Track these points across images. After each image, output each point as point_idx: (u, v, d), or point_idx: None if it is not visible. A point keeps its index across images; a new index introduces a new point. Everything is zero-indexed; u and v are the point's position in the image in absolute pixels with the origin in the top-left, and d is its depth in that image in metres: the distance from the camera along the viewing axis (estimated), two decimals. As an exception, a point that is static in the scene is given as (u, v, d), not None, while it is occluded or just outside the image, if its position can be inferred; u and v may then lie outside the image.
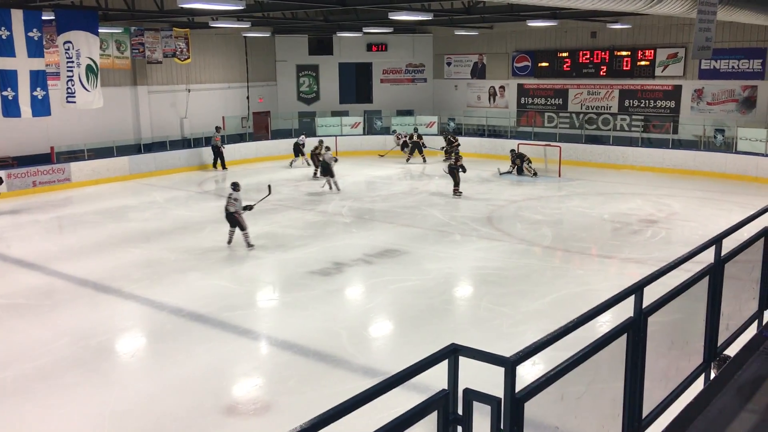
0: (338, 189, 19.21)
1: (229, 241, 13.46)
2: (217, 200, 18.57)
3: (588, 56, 25.42)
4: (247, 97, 27.93)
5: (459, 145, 24.27)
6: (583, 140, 24.75)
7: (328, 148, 20.32)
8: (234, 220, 13.34)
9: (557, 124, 26.32)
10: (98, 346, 9.05)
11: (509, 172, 21.61)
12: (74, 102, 15.10)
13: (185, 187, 20.62)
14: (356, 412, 2.26)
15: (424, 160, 24.42)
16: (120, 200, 18.70)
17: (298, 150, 23.97)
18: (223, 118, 26.22)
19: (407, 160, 24.64)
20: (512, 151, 21.95)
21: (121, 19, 19.96)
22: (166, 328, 9.65)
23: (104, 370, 8.37)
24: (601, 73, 25.20)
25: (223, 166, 23.54)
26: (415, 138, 24.82)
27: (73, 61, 14.72)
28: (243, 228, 13.35)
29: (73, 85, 14.87)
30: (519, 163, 21.51)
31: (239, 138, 26.28)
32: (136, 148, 23.45)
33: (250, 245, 13.26)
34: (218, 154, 23.47)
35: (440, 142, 25.47)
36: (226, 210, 13.28)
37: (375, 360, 8.63)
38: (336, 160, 19.52)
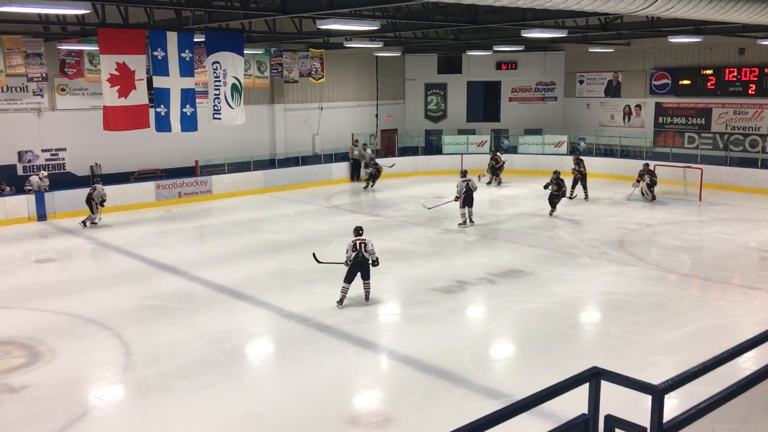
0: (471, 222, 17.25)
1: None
2: (344, 214, 19.08)
3: (735, 74, 23.82)
4: (376, 115, 28.56)
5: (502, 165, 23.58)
6: (727, 162, 23.18)
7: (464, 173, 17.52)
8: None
9: (698, 144, 24.82)
10: (232, 349, 9.51)
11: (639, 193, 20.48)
12: (220, 119, 16.07)
13: (314, 201, 21.34)
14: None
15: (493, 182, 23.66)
16: (255, 212, 19.65)
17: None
18: (352, 135, 26.95)
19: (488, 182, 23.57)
20: (646, 164, 20.78)
21: (263, 40, 21.09)
22: (293, 336, 9.99)
23: (237, 372, 8.78)
24: (750, 91, 23.52)
25: (357, 178, 24.94)
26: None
27: (220, 80, 15.70)
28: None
29: (219, 103, 15.85)
30: (646, 180, 20.27)
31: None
32: (270, 163, 24.60)
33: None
34: (358, 167, 25.05)
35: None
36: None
37: (497, 381, 8.47)
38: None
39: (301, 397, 8.01)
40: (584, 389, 2.45)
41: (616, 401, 2.64)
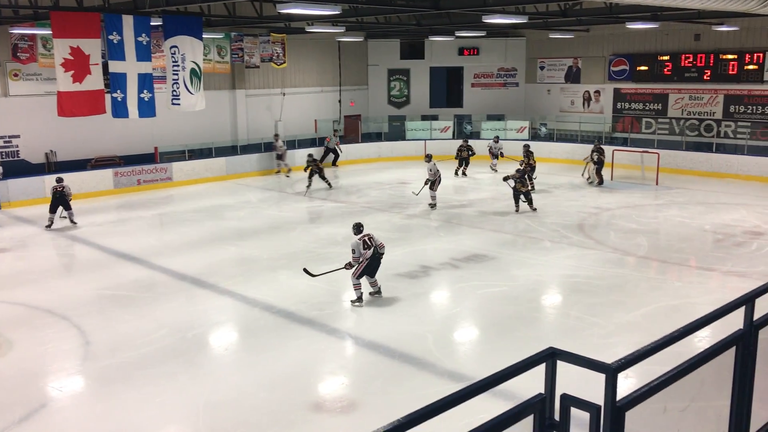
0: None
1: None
2: (308, 201, 18.98)
3: (691, 60, 24.31)
4: (339, 101, 28.42)
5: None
6: (683, 147, 23.70)
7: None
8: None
9: (655, 130, 25.32)
10: (194, 338, 9.43)
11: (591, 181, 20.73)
12: (179, 104, 15.81)
13: (278, 187, 21.19)
14: (441, 417, 2.24)
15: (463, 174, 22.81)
16: (217, 199, 19.44)
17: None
18: (315, 121, 26.80)
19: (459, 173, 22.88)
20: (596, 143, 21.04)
21: (223, 25, 20.76)
22: (257, 324, 9.94)
23: (200, 361, 8.71)
24: (705, 77, 24.04)
25: (334, 163, 25.09)
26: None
27: (178, 65, 15.42)
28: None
29: (178, 88, 15.58)
30: (593, 158, 20.44)
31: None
32: (233, 150, 24.33)
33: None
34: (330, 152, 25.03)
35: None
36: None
37: (461, 365, 8.57)
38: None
39: (266, 384, 7.99)
40: (543, 370, 2.50)
41: (577, 381, 2.68)
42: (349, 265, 10.60)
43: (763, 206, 17.38)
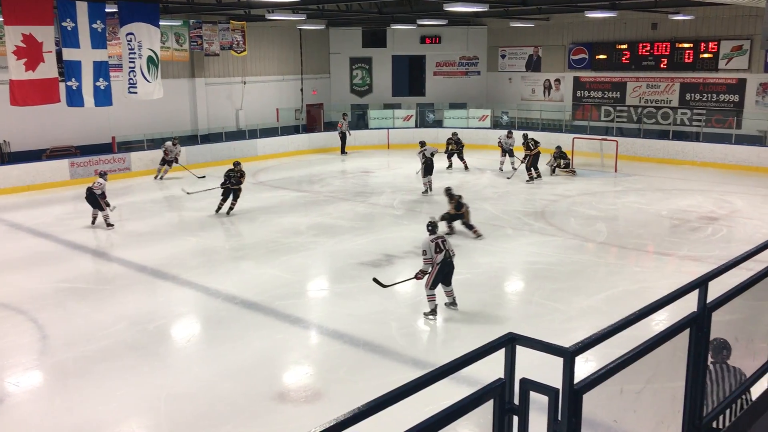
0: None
1: None
2: (271, 191, 18.82)
3: (648, 48, 24.73)
4: (301, 90, 28.20)
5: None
6: (641, 135, 24.14)
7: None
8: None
9: (614, 118, 25.73)
10: (155, 330, 9.30)
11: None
12: (135, 93, 15.48)
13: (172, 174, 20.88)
14: (406, 403, 2.25)
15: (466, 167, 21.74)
16: (177, 190, 19.14)
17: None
18: (277, 110, 26.55)
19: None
20: (558, 147, 20.72)
21: (181, 11, 20.40)
22: (220, 315, 9.85)
23: (161, 354, 8.60)
24: (662, 65, 24.49)
25: (343, 152, 24.94)
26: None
27: (135, 53, 15.09)
28: None
29: (134, 76, 15.25)
30: (558, 163, 20.44)
31: (293, 130, 26.59)
32: (193, 139, 23.96)
33: None
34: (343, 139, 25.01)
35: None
36: None
37: (425, 352, 8.63)
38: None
39: (229, 375, 7.93)
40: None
41: (538, 365, 2.71)
42: (421, 274, 9.55)
43: (718, 192, 17.83)
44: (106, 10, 14.86)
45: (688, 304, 3.20)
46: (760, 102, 22.66)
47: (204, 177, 19.69)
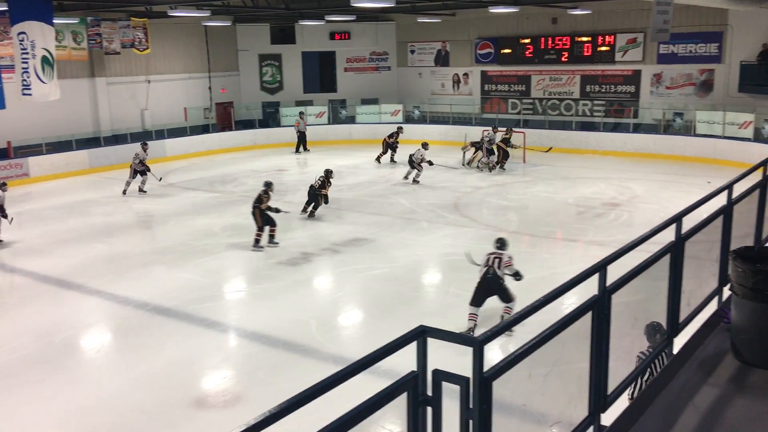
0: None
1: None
2: (182, 192, 18.31)
3: (549, 42, 25.61)
4: (209, 88, 27.54)
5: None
6: (546, 126, 24.99)
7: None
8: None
9: (521, 110, 26.53)
10: (62, 342, 8.89)
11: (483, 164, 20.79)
12: (30, 94, 14.66)
13: (148, 180, 20.25)
14: (326, 401, 2.26)
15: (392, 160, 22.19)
16: (81, 195, 18.34)
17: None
18: (185, 109, 25.84)
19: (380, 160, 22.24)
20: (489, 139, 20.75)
21: (77, 9, 19.49)
22: (131, 323, 9.52)
23: (69, 366, 8.23)
24: (563, 59, 25.43)
25: (305, 149, 24.66)
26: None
27: (28, 53, 14.29)
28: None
29: (28, 78, 14.45)
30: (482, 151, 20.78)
31: (202, 129, 25.96)
32: (95, 142, 22.98)
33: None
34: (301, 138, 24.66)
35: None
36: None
37: (345, 348, 8.64)
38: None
39: (143, 385, 7.69)
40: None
41: (455, 355, 2.75)
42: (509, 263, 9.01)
43: (619, 179, 18.71)
44: (-5, 8, 14.04)
45: (594, 284, 3.35)
46: (654, 92, 23.91)
47: (161, 179, 18.63)
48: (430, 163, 18.53)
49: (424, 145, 19.00)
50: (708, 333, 4.52)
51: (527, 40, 26.02)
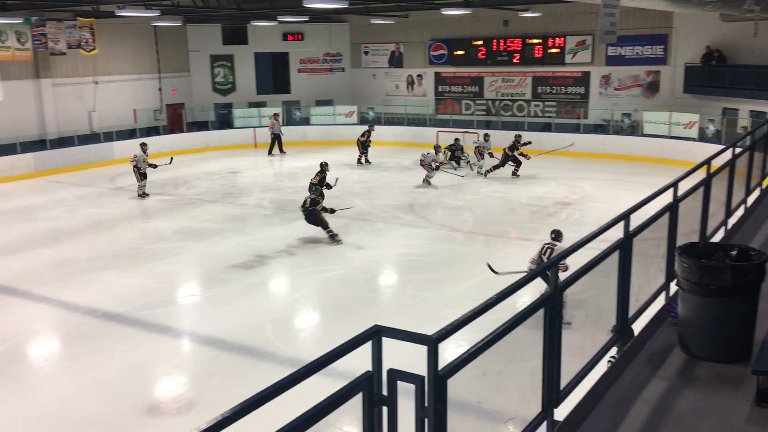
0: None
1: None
2: (131, 196, 17.91)
3: (501, 44, 25.94)
4: (160, 89, 27.02)
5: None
6: (499, 126, 25.27)
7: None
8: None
9: (474, 111, 26.79)
10: (7, 351, 8.60)
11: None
12: (-30, 96, 14.19)
13: (96, 183, 19.79)
14: (282, 403, 2.23)
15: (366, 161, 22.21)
16: (26, 199, 17.78)
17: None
18: (134, 111, 25.31)
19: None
20: (457, 140, 21.17)
21: (21, 8, 18.91)
22: (80, 330, 9.27)
23: (16, 375, 7.96)
24: (515, 60, 25.79)
25: (281, 151, 24.33)
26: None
27: (-33, 52, 13.82)
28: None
29: (-32, 78, 13.97)
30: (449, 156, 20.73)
31: (153, 131, 25.45)
32: (41, 144, 22.30)
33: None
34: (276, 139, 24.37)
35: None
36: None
37: (301, 351, 8.57)
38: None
39: (93, 393, 7.49)
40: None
41: (412, 355, 2.74)
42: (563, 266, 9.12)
43: (570, 179, 19.06)
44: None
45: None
46: (603, 93, 24.44)
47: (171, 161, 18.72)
48: (438, 168, 18.56)
49: (436, 148, 19.39)
50: (656, 327, 4.64)
51: (480, 42, 26.30)
